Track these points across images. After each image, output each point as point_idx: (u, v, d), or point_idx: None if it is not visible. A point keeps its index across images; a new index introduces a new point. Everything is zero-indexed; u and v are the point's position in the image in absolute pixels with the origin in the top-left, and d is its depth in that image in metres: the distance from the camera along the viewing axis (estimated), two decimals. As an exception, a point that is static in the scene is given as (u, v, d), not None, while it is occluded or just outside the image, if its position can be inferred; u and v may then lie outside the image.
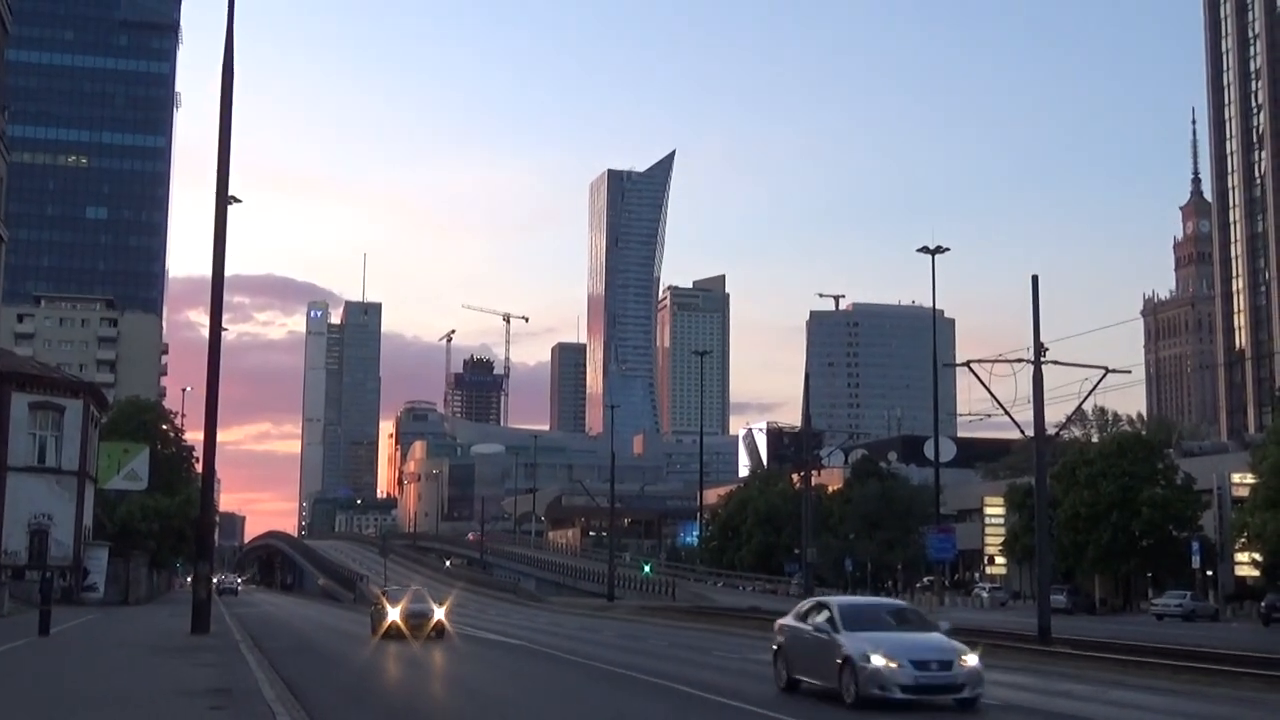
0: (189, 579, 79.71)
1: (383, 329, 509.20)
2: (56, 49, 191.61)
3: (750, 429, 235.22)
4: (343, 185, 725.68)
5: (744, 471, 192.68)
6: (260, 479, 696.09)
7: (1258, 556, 73.17)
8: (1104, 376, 42.47)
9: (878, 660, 18.45)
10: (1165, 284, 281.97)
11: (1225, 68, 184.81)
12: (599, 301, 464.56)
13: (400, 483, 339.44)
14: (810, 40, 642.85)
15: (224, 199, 37.74)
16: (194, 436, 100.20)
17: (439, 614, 39.67)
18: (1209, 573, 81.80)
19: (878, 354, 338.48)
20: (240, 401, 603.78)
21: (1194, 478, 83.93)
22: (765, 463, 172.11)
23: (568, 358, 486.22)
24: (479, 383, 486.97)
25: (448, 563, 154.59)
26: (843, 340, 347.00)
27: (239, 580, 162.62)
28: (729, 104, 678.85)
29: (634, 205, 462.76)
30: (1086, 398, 44.08)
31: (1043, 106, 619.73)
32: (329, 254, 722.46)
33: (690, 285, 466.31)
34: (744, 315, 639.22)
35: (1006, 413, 42.98)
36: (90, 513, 70.27)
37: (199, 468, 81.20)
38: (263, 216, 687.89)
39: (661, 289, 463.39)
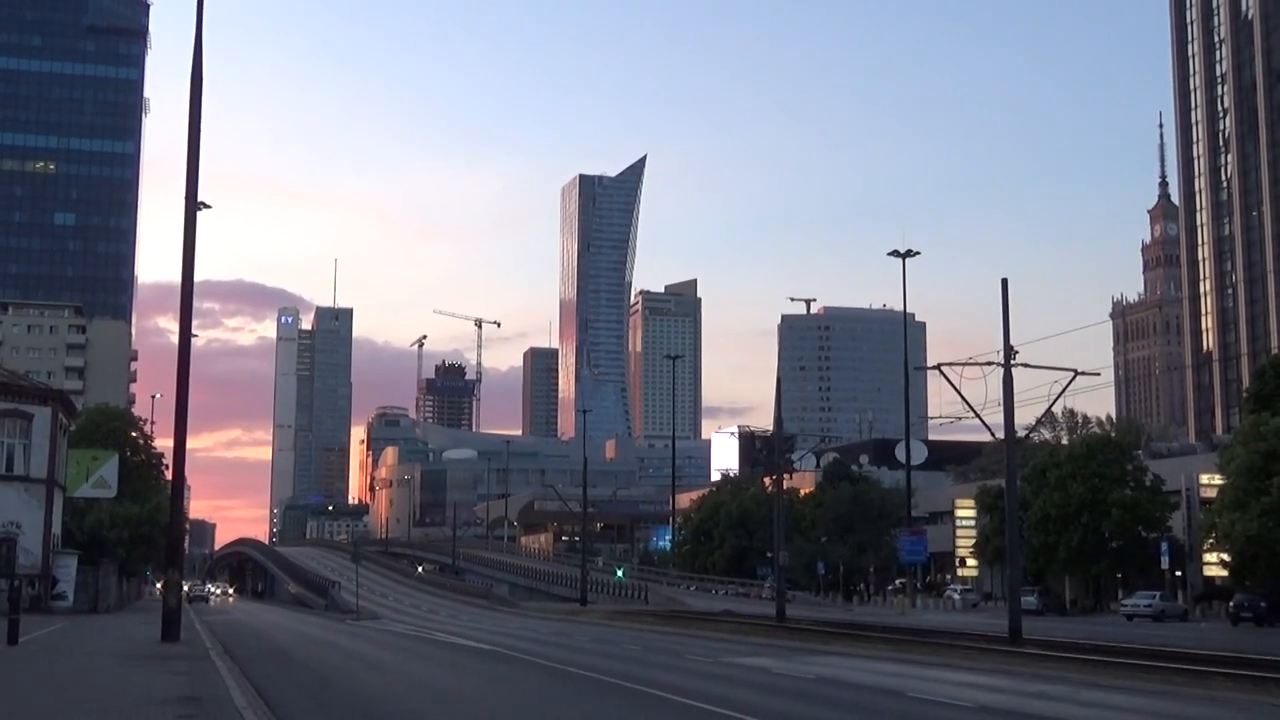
0: (159, 586, 79.16)
1: (354, 335, 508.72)
2: (24, 54, 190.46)
3: (723, 432, 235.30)
4: (313, 191, 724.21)
5: (716, 475, 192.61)
6: (231, 486, 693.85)
7: (1226, 557, 73.50)
8: (1073, 379, 42.64)
9: None
10: (1134, 287, 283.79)
11: (1192, 72, 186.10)
12: (571, 306, 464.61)
13: (372, 489, 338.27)
14: (781, 46, 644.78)
15: (193, 205, 37.50)
16: (164, 443, 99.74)
17: None
18: (1178, 573, 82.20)
19: (849, 358, 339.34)
20: (210, 408, 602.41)
21: (1163, 479, 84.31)
22: (737, 467, 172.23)
23: (540, 362, 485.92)
24: (451, 388, 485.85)
25: (420, 569, 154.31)
26: (814, 344, 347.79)
27: (229, 588, 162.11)
28: (700, 109, 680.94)
29: (605, 210, 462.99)
30: (1056, 400, 44.26)
31: (1011, 111, 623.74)
32: (299, 259, 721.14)
33: (662, 290, 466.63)
34: (716, 319, 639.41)
35: (977, 415, 43.13)
36: (59, 521, 69.67)
37: (169, 475, 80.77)
38: (232, 222, 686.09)
39: (633, 294, 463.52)
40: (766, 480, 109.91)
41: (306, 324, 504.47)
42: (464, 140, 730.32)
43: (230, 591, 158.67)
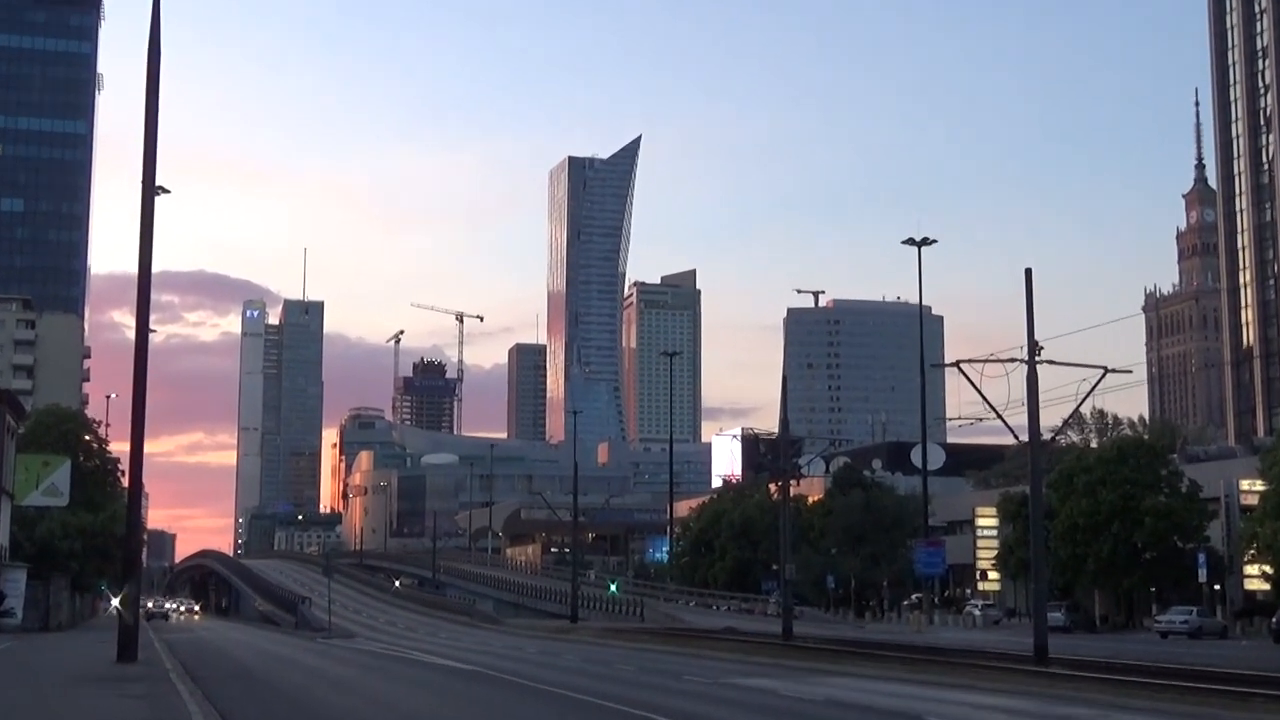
0: (115, 602, 79.29)
1: (325, 330, 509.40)
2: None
3: (724, 435, 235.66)
4: (281, 175, 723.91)
5: (717, 482, 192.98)
6: (192, 493, 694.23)
7: (1268, 569, 73.61)
8: (1103, 376, 42.69)
9: None
10: (1168, 277, 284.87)
11: (1230, 45, 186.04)
12: (559, 299, 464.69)
13: (345, 496, 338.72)
14: (784, 21, 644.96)
15: (151, 189, 37.44)
16: (119, 448, 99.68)
17: None
18: (1216, 587, 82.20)
19: (860, 354, 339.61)
20: (170, 409, 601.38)
21: (1200, 485, 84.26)
22: (740, 472, 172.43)
23: (526, 360, 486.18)
24: (430, 387, 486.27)
25: (397, 583, 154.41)
26: (822, 339, 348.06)
27: (193, 605, 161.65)
28: (699, 86, 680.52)
29: (597, 195, 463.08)
30: (1084, 399, 44.34)
31: (1034, 88, 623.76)
32: (266, 249, 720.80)
33: (658, 281, 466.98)
34: (716, 313, 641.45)
35: (999, 416, 43.12)
36: (6, 531, 69.67)
37: (125, 481, 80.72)
38: (193, 208, 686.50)
39: (627, 285, 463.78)
40: (771, 487, 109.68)
41: (274, 318, 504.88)
42: (444, 120, 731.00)
43: (196, 609, 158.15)
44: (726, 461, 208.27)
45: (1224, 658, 46.62)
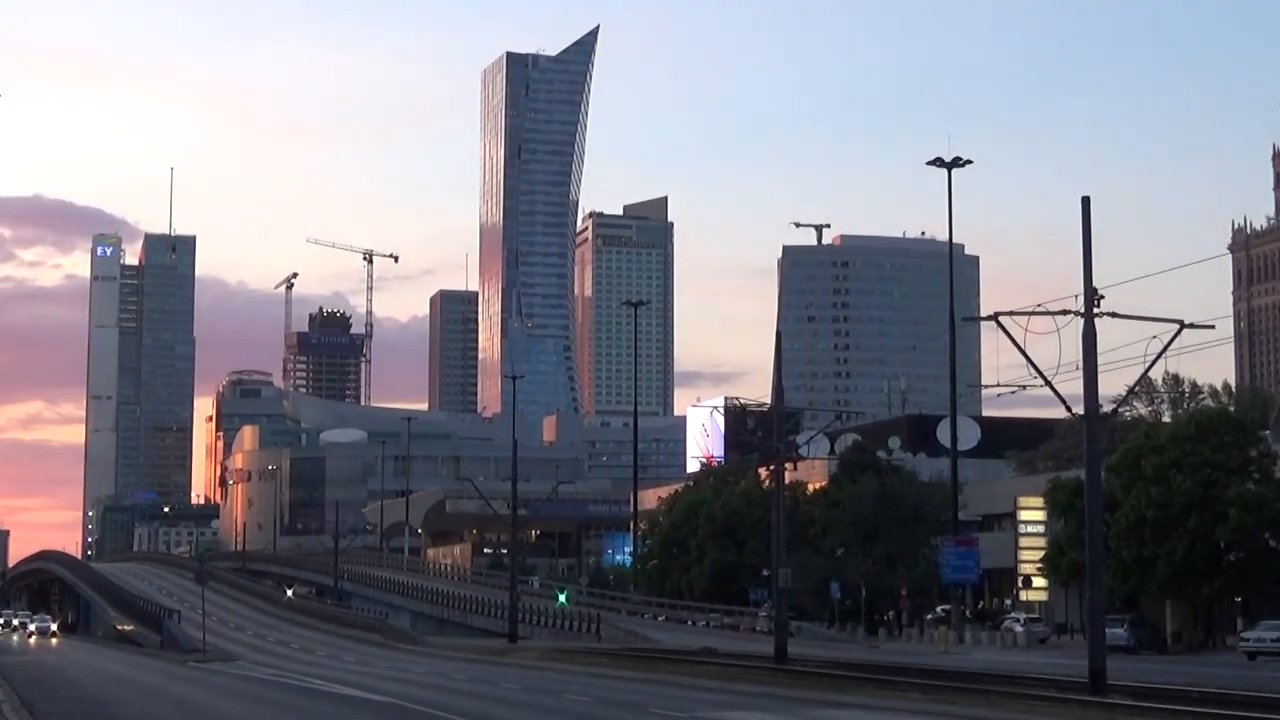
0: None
1: (197, 273, 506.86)
2: None
3: (703, 406, 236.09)
4: (139, 74, 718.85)
5: (694, 465, 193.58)
6: (29, 479, 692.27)
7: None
8: (1178, 333, 42.85)
9: None
10: (1262, 209, 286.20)
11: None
12: (495, 233, 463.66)
13: (223, 484, 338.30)
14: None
15: (-26, 92, 37.14)
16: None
17: None
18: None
19: (874, 304, 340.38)
20: (1, 372, 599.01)
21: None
22: (722, 453, 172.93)
23: (452, 311, 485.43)
24: (330, 345, 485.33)
25: (289, 592, 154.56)
26: (827, 285, 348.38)
27: (50, 623, 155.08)
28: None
29: (543, 102, 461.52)
30: (1155, 362, 44.48)
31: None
32: (121, 168, 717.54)
33: (620, 212, 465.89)
34: (692, 252, 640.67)
35: (1048, 383, 43.29)
36: None
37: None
38: (29, 116, 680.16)
39: (581, 217, 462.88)
40: (762, 472, 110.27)
41: (132, 257, 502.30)
42: (349, 6, 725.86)
43: (52, 628, 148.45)
44: (705, 439, 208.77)
45: (1326, 684, 47.06)
